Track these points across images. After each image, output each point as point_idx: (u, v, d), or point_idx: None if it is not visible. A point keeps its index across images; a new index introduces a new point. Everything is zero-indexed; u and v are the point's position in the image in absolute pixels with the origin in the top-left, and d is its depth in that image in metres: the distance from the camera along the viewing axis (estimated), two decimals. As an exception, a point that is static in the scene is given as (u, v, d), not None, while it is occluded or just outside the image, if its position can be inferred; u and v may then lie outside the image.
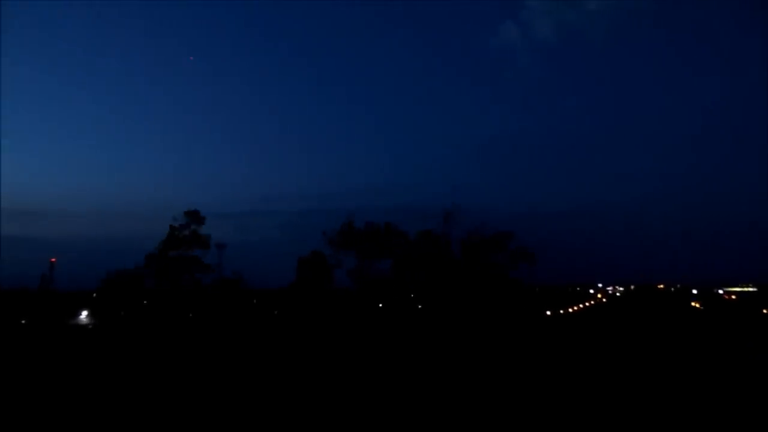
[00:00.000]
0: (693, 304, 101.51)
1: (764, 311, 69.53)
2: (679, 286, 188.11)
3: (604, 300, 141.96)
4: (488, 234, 55.79)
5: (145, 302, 61.29)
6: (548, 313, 71.24)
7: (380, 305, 60.69)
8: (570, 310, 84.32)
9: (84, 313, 60.97)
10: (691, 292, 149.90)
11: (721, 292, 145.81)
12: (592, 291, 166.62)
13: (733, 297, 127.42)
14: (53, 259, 74.42)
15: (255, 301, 73.48)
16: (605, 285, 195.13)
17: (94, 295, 72.48)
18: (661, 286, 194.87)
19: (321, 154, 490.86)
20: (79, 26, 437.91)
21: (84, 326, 53.68)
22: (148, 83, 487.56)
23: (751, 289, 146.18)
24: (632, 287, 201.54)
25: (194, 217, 56.97)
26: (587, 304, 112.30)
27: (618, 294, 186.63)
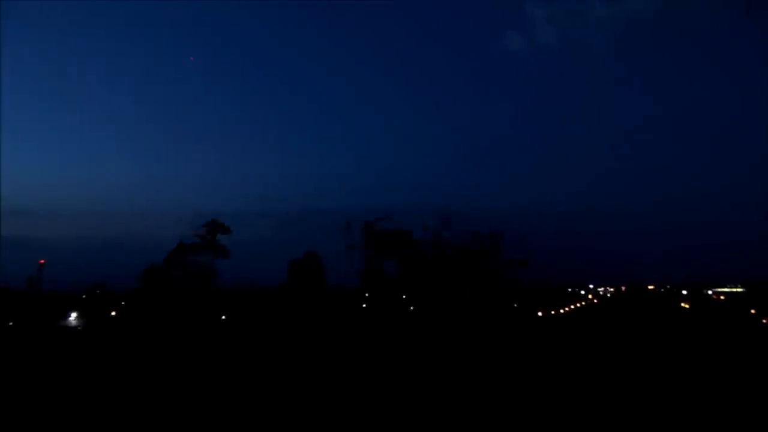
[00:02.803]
0: (682, 304, 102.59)
1: (752, 311, 70.40)
2: (669, 286, 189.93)
3: (595, 300, 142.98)
4: (483, 239, 56.46)
5: (136, 305, 60.85)
6: (540, 314, 71.67)
7: (376, 305, 60.79)
8: (561, 311, 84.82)
9: (73, 315, 60.38)
10: (680, 292, 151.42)
11: (710, 292, 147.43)
12: (583, 292, 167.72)
13: (722, 297, 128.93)
14: (42, 261, 73.72)
15: (248, 301, 73.16)
16: (596, 285, 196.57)
17: (83, 296, 71.91)
18: (652, 286, 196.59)
19: (318, 154, 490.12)
20: (77, 28, 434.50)
21: (73, 328, 53.19)
22: (145, 84, 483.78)
23: (738, 290, 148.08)
24: (623, 288, 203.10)
25: (217, 227, 56.87)
26: (579, 305, 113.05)
27: (609, 294, 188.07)
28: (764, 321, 54.82)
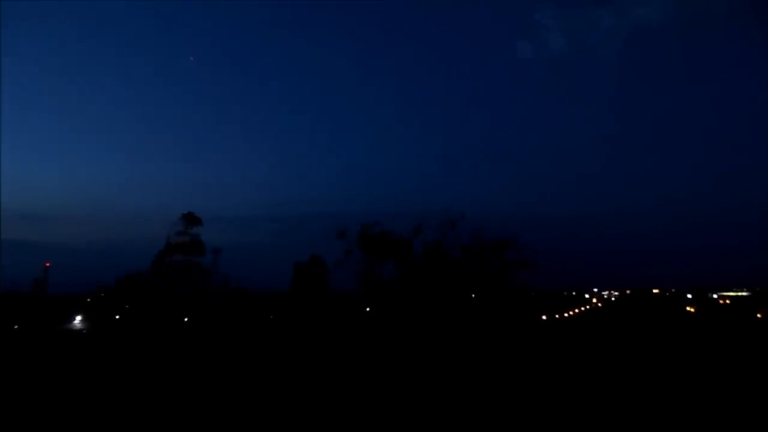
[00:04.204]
0: (687, 308, 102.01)
1: (758, 315, 69.93)
2: (673, 290, 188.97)
3: (599, 304, 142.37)
4: (487, 240, 55.85)
5: (140, 308, 60.90)
6: (544, 317, 71.40)
7: (379, 309, 60.56)
8: (566, 314, 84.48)
9: (78, 318, 60.54)
10: (685, 296, 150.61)
11: (715, 296, 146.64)
12: (587, 296, 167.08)
13: (727, 301, 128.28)
14: (48, 264, 74.12)
15: (252, 305, 73.14)
16: (601, 289, 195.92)
17: (88, 299, 72.11)
18: (656, 290, 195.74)
19: (322, 158, 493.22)
20: (79, 30, 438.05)
21: (78, 331, 53.35)
22: (150, 86, 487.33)
23: (744, 294, 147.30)
24: (628, 292, 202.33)
25: (191, 219, 56.10)
26: (583, 308, 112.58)
27: (613, 299, 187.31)
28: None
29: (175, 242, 55.91)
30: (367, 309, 61.75)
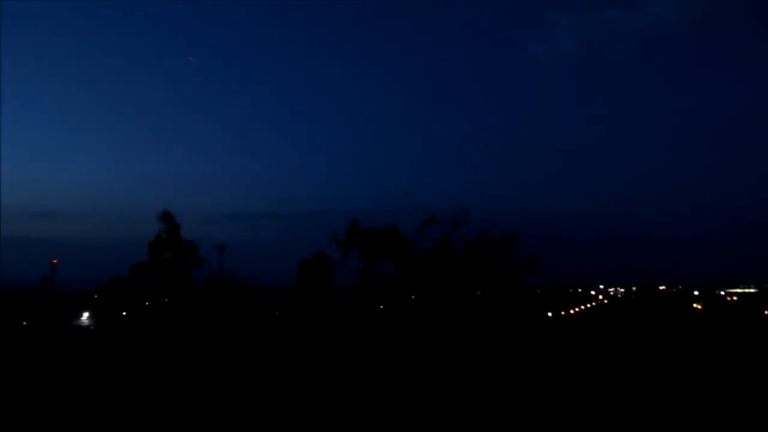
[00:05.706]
0: (694, 305, 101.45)
1: (766, 313, 69.44)
2: (680, 287, 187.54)
3: (605, 301, 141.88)
4: (495, 237, 55.41)
5: (146, 304, 61.21)
6: (550, 314, 71.19)
7: (382, 306, 60.49)
8: (572, 311, 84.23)
9: (85, 315, 61.03)
10: (692, 293, 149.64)
11: (723, 293, 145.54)
12: (593, 292, 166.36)
13: (735, 298, 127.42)
14: (55, 261, 74.70)
15: (257, 300, 73.40)
16: (607, 286, 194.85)
17: (96, 296, 72.65)
18: (663, 287, 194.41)
19: (328, 157, 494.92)
20: (80, 27, 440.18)
21: (86, 327, 53.82)
22: (153, 84, 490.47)
23: (751, 290, 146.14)
24: (634, 288, 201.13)
25: (168, 219, 54.11)
26: (589, 305, 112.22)
27: (619, 295, 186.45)
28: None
29: (162, 242, 55.30)
30: (379, 306, 61.70)
